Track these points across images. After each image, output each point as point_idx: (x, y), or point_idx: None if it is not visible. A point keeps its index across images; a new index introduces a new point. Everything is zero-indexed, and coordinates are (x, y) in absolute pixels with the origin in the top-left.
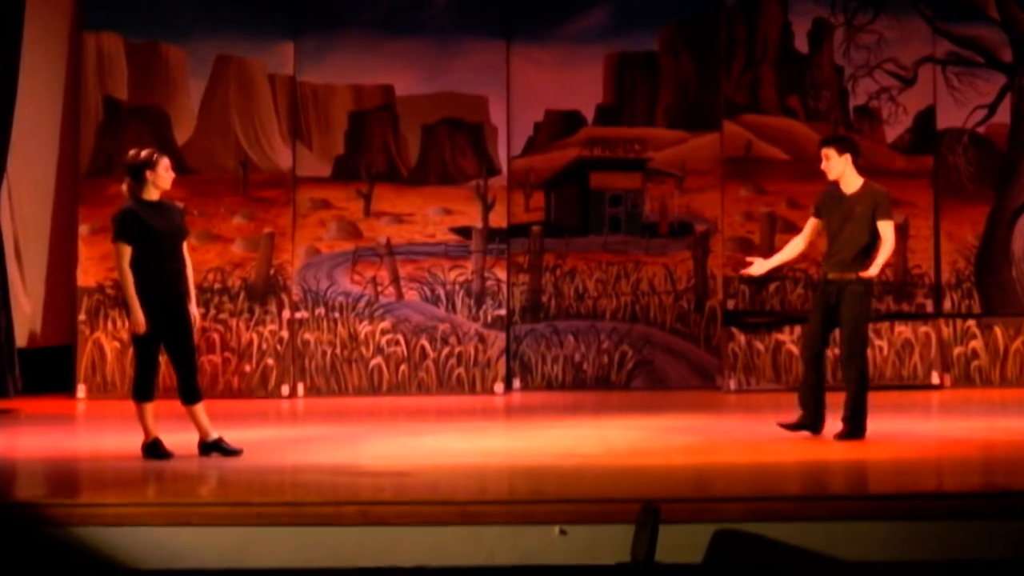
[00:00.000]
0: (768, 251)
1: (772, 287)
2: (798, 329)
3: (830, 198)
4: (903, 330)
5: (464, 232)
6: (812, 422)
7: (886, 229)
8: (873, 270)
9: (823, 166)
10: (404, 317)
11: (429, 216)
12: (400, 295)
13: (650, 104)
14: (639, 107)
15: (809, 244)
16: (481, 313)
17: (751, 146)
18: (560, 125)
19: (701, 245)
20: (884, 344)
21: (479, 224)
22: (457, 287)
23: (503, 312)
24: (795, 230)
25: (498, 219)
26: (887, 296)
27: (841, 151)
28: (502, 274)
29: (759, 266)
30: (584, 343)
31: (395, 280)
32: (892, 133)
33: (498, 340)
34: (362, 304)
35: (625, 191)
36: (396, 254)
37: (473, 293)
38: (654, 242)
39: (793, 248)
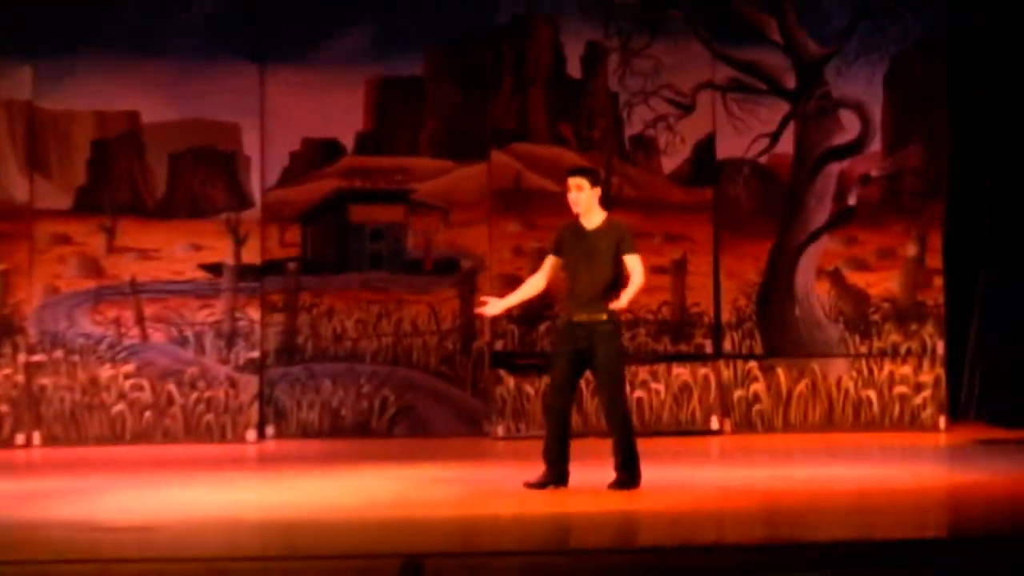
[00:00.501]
0: None
1: (543, 327)
2: None
3: (570, 233)
4: (681, 372)
5: (214, 269)
6: (558, 477)
7: (635, 263)
8: (623, 301)
9: (571, 197)
10: (149, 360)
11: (177, 252)
12: (145, 336)
13: (414, 131)
14: (402, 135)
15: (549, 282)
16: (232, 355)
17: (521, 177)
18: (318, 154)
19: (467, 282)
20: (661, 387)
21: (230, 260)
22: (207, 328)
23: (256, 354)
24: None
25: (251, 255)
26: (664, 336)
27: (594, 183)
28: (255, 314)
29: (494, 306)
30: (342, 387)
31: (140, 321)
32: (670, 164)
33: (250, 384)
34: (104, 346)
35: (387, 225)
36: (141, 292)
37: (224, 334)
38: (418, 279)
39: (532, 286)
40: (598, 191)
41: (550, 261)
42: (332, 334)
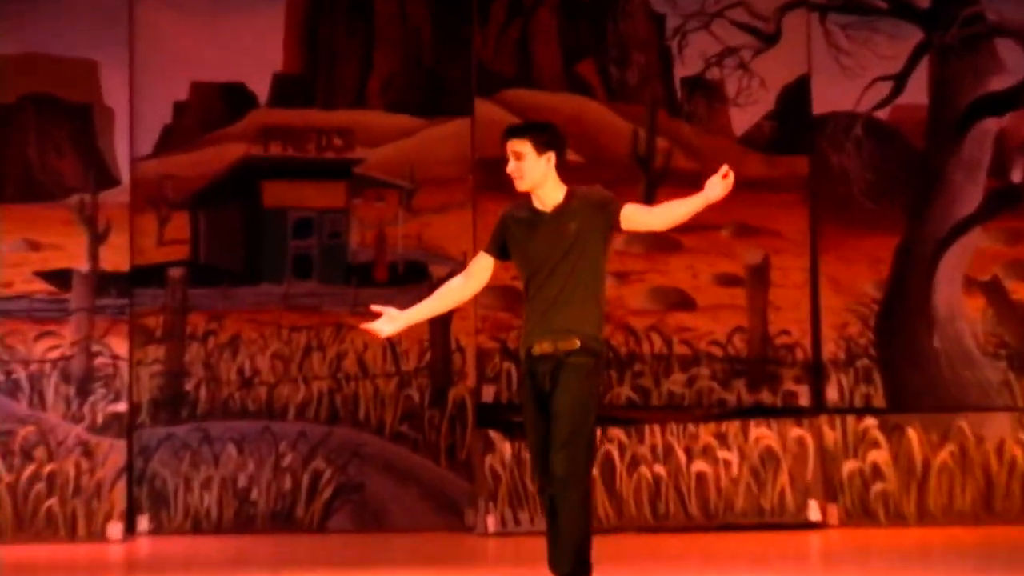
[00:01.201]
0: None
1: None
2: (613, 432)
3: (519, 221)
4: (763, 435)
5: (60, 278)
6: None
7: (641, 210)
8: (694, 199)
9: (510, 169)
10: None
11: (3, 253)
12: None
13: (360, 73)
14: (343, 78)
15: (479, 289)
16: (87, 409)
17: None
18: (215, 107)
19: None
20: (732, 457)
21: (84, 266)
22: (48, 367)
23: (122, 408)
24: None
25: (115, 258)
26: (736, 381)
27: (541, 147)
28: (121, 346)
29: (389, 321)
30: (254, 458)
31: None
32: (743, 120)
33: (114, 453)
34: None
35: (319, 212)
36: None
37: (74, 377)
38: (366, 294)
39: (452, 294)
40: (550, 156)
41: (480, 261)
42: (238, 377)
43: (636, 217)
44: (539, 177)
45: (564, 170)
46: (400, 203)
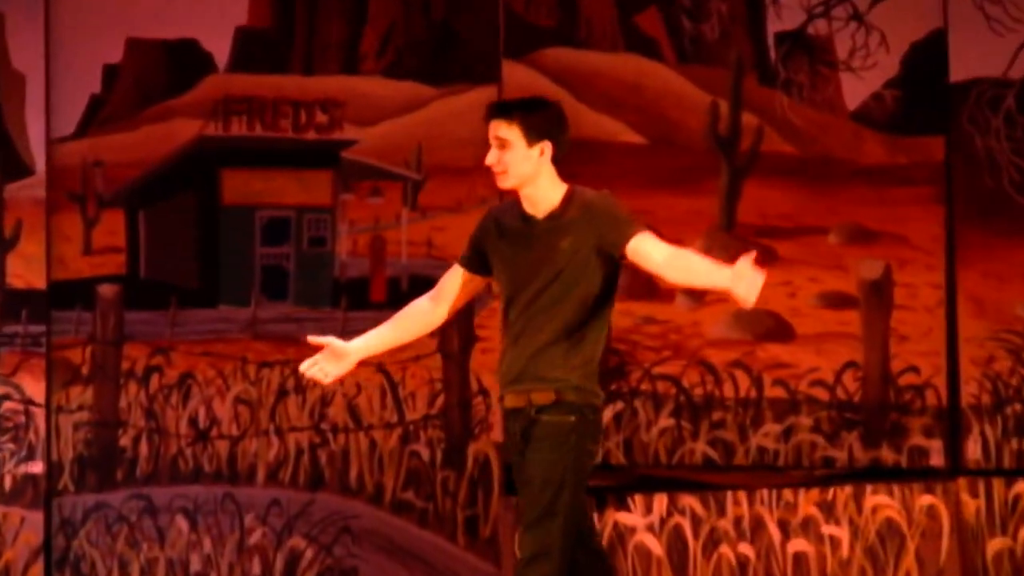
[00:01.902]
0: None
1: (608, 411)
2: (685, 501)
3: (503, 230)
4: (883, 503)
5: None
6: None
7: (650, 244)
8: (713, 267)
9: (490, 161)
10: None
11: None
12: None
13: (351, 28)
14: (327, 34)
15: (451, 312)
16: None
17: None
18: (159, 72)
19: (461, 326)
20: (843, 534)
21: None
22: None
23: (38, 469)
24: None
25: (26, 270)
26: (847, 434)
27: (534, 133)
28: (35, 388)
29: (332, 358)
30: (212, 534)
31: None
32: (858, 90)
33: (27, 528)
34: None
35: (297, 211)
36: None
37: None
38: (358, 319)
39: (412, 321)
40: (545, 147)
41: (453, 277)
42: (190, 429)
43: (645, 254)
44: (528, 173)
45: (621, 149)
46: (403, 199)
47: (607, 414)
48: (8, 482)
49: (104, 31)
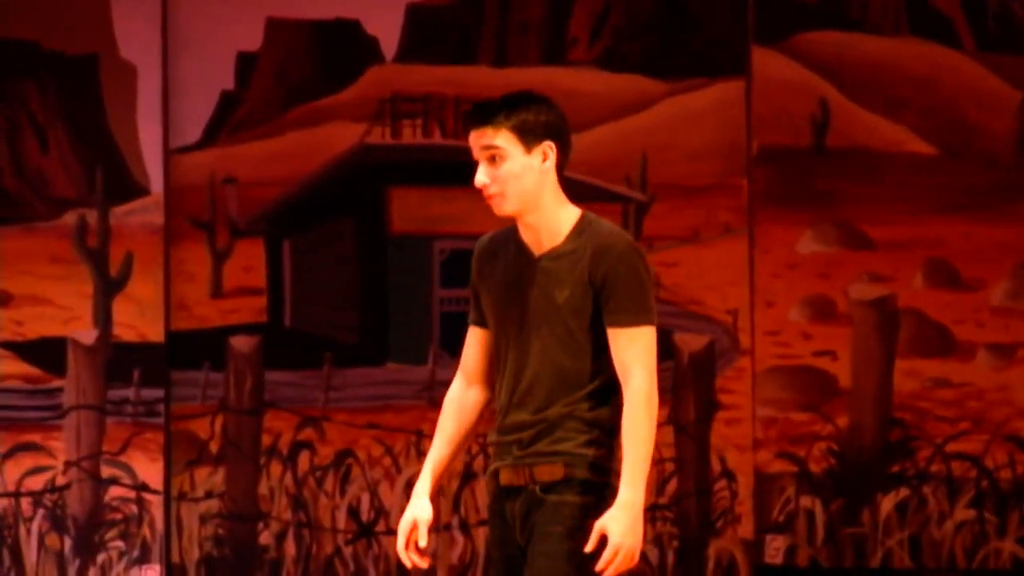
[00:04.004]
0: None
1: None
2: None
3: (491, 261)
4: None
5: (45, 354)
6: None
7: (631, 350)
8: (634, 474)
9: (479, 181)
10: None
11: None
12: None
13: (556, 7)
14: (522, 15)
15: (488, 392)
16: (98, 572)
17: (826, 112)
18: (308, 62)
19: (698, 390)
20: None
21: (86, 333)
22: (26, 505)
23: (155, 575)
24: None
25: (139, 318)
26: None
27: (529, 133)
28: (151, 470)
29: (423, 513)
30: None
31: None
32: None
33: None
34: None
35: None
36: None
37: (71, 521)
38: None
39: (456, 420)
40: (547, 151)
41: (472, 342)
42: (351, 522)
43: (618, 361)
44: (530, 189)
45: (907, 161)
46: (624, 226)
47: (887, 504)
48: None
49: (237, 11)
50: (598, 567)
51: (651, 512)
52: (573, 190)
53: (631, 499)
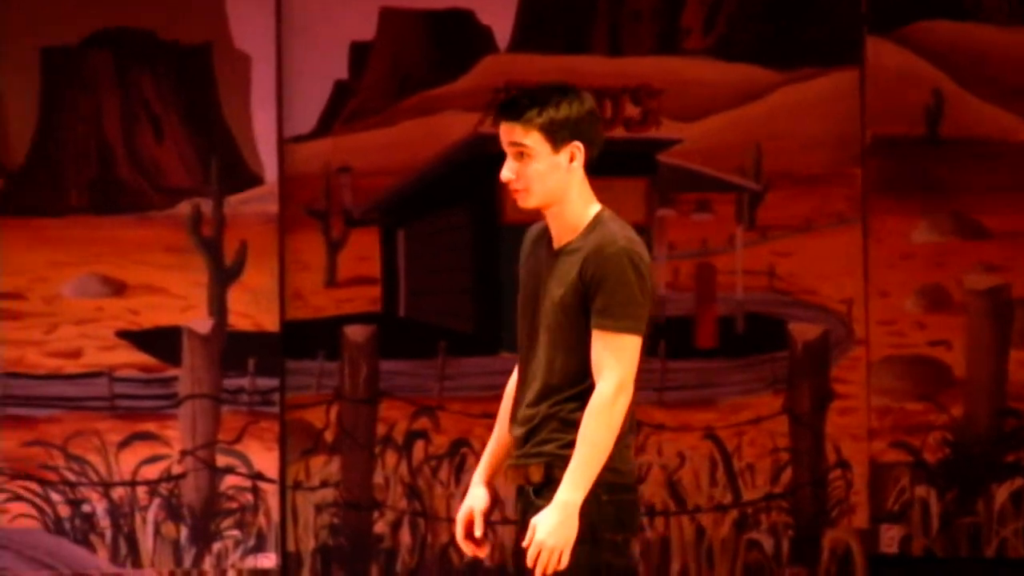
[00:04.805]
0: None
1: None
2: None
3: (530, 251)
4: None
5: (160, 342)
6: None
7: (605, 355)
8: (574, 476)
9: (505, 176)
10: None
11: (61, 296)
12: None
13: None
14: (636, 2)
15: None
16: (210, 565)
17: (940, 101)
18: (422, 51)
19: (813, 379)
20: None
21: (201, 322)
22: (142, 494)
23: (270, 563)
24: None
25: (254, 307)
26: None
27: (556, 133)
28: (266, 459)
29: (479, 504)
30: None
31: None
32: None
33: None
34: None
35: None
36: None
37: (186, 511)
38: (681, 370)
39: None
40: (575, 151)
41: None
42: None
43: (595, 361)
44: (556, 188)
45: None
46: (738, 216)
47: (1001, 493)
48: None
49: (351, 0)
50: (527, 563)
51: (766, 502)
52: (687, 179)
53: (565, 499)
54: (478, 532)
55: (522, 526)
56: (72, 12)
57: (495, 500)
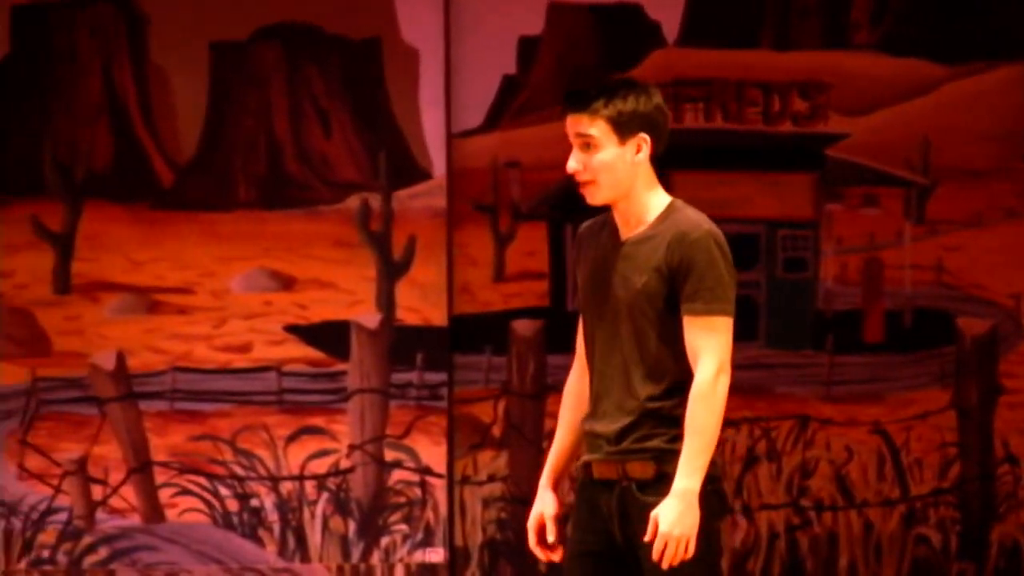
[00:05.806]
0: None
1: None
2: None
3: (588, 246)
4: None
5: (328, 337)
6: None
7: (703, 341)
8: (690, 464)
9: (572, 167)
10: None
11: (228, 290)
12: (153, 512)
13: None
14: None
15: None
16: (378, 560)
17: None
18: (589, 44)
19: (981, 374)
20: None
21: (369, 317)
22: (310, 489)
23: (438, 557)
24: None
25: (422, 302)
26: None
27: (623, 125)
28: (434, 453)
29: (549, 503)
30: None
31: (137, 469)
32: None
33: None
34: (28, 527)
35: (769, 224)
36: (135, 398)
37: (354, 505)
38: (849, 365)
39: (573, 415)
40: (641, 143)
41: (582, 323)
42: None
43: (691, 349)
44: (623, 180)
45: None
46: (906, 210)
47: None
48: (400, 574)
49: None
50: (652, 557)
51: (934, 497)
52: (854, 174)
53: (684, 488)
54: (551, 538)
55: (622, 523)
56: (241, 7)
57: (563, 504)
